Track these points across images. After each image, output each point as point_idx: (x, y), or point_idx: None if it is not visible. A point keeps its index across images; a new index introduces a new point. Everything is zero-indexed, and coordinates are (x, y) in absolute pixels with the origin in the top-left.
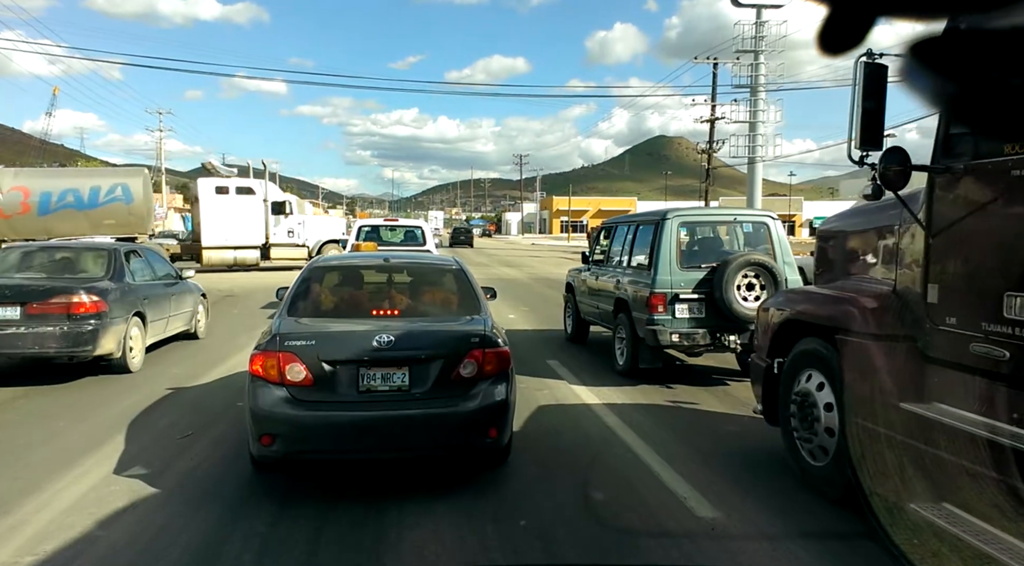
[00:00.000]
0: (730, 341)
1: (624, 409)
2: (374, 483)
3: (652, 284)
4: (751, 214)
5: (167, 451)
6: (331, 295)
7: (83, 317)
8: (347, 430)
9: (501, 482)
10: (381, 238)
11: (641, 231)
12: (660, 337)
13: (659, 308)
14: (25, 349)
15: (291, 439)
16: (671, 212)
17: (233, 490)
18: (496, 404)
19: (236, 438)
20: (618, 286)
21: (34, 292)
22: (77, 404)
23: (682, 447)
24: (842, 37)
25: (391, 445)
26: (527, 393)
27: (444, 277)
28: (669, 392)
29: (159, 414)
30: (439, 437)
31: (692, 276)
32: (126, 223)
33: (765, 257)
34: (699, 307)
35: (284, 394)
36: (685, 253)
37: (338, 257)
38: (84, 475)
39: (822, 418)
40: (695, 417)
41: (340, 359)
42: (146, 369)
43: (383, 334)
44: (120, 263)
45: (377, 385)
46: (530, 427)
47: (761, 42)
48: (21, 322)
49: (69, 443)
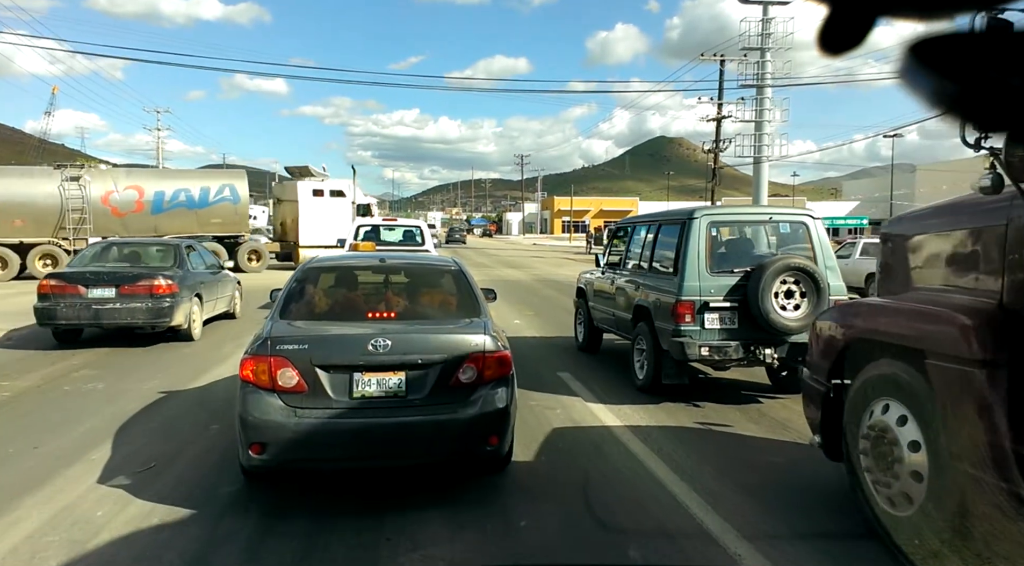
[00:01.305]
0: (766, 355)
1: (649, 433)
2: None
3: (678, 291)
4: (789, 213)
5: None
6: (325, 297)
7: (162, 296)
8: (340, 438)
9: (518, 531)
10: (380, 238)
11: (664, 232)
12: (688, 350)
13: (686, 318)
14: (119, 320)
15: (282, 447)
16: (699, 211)
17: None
18: (497, 411)
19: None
20: (637, 292)
21: (126, 277)
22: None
23: (723, 484)
24: (842, 37)
25: (387, 454)
26: (539, 412)
27: (442, 278)
28: (697, 412)
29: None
30: (437, 445)
31: (723, 282)
32: (231, 222)
33: (806, 261)
34: (731, 317)
35: (275, 400)
36: (715, 256)
37: (333, 257)
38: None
39: (905, 459)
40: (731, 444)
41: (334, 364)
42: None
43: (379, 338)
44: (183, 255)
45: (372, 391)
46: (546, 456)
47: (768, 40)
48: (116, 300)
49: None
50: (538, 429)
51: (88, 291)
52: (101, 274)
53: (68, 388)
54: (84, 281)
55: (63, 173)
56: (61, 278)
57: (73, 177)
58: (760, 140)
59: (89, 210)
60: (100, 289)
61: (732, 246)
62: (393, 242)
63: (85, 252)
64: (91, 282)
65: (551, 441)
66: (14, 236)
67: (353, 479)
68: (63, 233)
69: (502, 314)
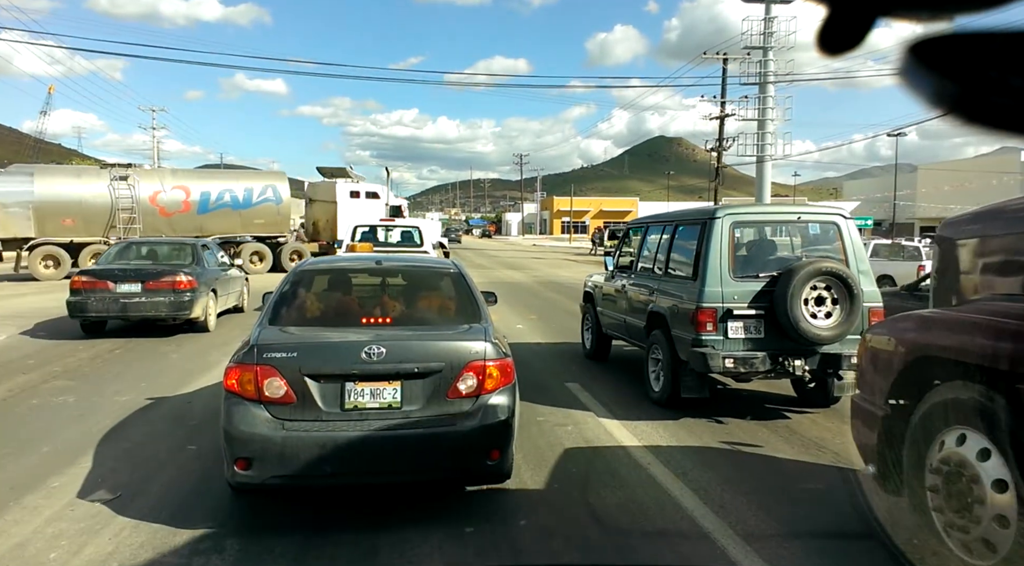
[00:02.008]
0: (795, 367)
1: (671, 455)
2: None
3: (699, 297)
4: (819, 211)
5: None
6: (317, 301)
7: (182, 291)
8: (330, 453)
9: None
10: (377, 239)
11: (681, 232)
12: (710, 362)
13: (708, 326)
14: (144, 313)
15: (268, 463)
16: (721, 210)
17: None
18: (498, 423)
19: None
20: (652, 297)
21: (150, 273)
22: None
23: (761, 518)
24: (842, 38)
25: (380, 469)
26: (548, 429)
27: (441, 281)
28: (720, 429)
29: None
30: (435, 460)
31: (748, 288)
32: (274, 223)
33: (839, 265)
34: (757, 325)
35: (262, 412)
36: (739, 259)
37: (327, 259)
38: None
39: (987, 499)
40: (764, 468)
41: (324, 373)
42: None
43: (373, 345)
44: (200, 253)
45: (365, 402)
46: (559, 483)
47: (770, 39)
48: (141, 294)
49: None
50: (548, 450)
51: (116, 286)
52: (128, 271)
53: (37, 401)
54: (112, 277)
55: (111, 172)
56: (91, 275)
57: (122, 177)
58: (763, 139)
59: (138, 210)
60: (127, 284)
61: (756, 248)
62: (392, 243)
63: (109, 251)
64: (119, 278)
65: (563, 465)
66: (64, 235)
67: (345, 493)
68: (113, 232)
69: (504, 318)
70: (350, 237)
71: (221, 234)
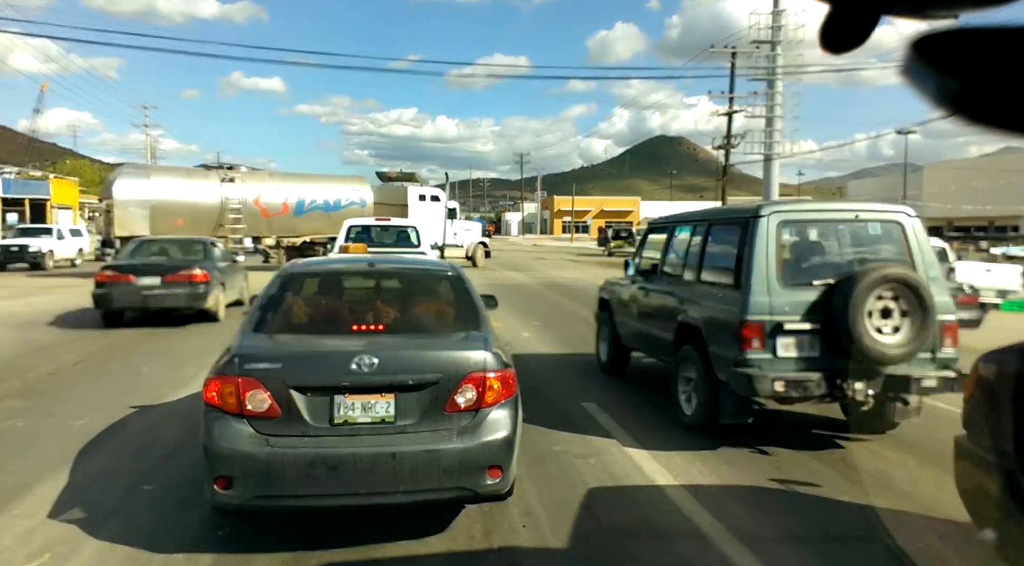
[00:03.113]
0: (855, 391)
1: (717, 499)
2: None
3: (743, 309)
4: (880, 209)
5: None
6: (306, 306)
7: (198, 283)
8: (318, 471)
9: None
10: (372, 239)
11: (716, 233)
12: (757, 385)
13: (754, 343)
14: (164, 303)
15: (251, 482)
16: (767, 207)
17: None
18: (500, 440)
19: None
20: (682, 307)
21: (168, 268)
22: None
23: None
24: (845, 35)
25: (372, 490)
26: (567, 463)
27: (438, 285)
28: (766, 462)
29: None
30: (430, 479)
31: (800, 298)
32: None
33: (908, 270)
34: (811, 342)
35: (244, 427)
36: (788, 265)
37: (317, 261)
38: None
39: None
40: (828, 515)
41: (311, 385)
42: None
43: (364, 354)
44: (210, 250)
45: (356, 416)
46: (586, 537)
47: (778, 32)
48: (161, 287)
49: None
50: (569, 491)
51: (138, 280)
52: (149, 265)
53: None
54: (134, 271)
55: (219, 174)
56: (115, 269)
57: (229, 179)
58: (771, 136)
59: (244, 211)
60: (148, 278)
61: (808, 252)
62: (387, 243)
63: (126, 249)
64: (140, 272)
65: (589, 512)
66: (175, 234)
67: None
68: (220, 232)
69: (509, 326)
70: (343, 237)
71: (312, 235)
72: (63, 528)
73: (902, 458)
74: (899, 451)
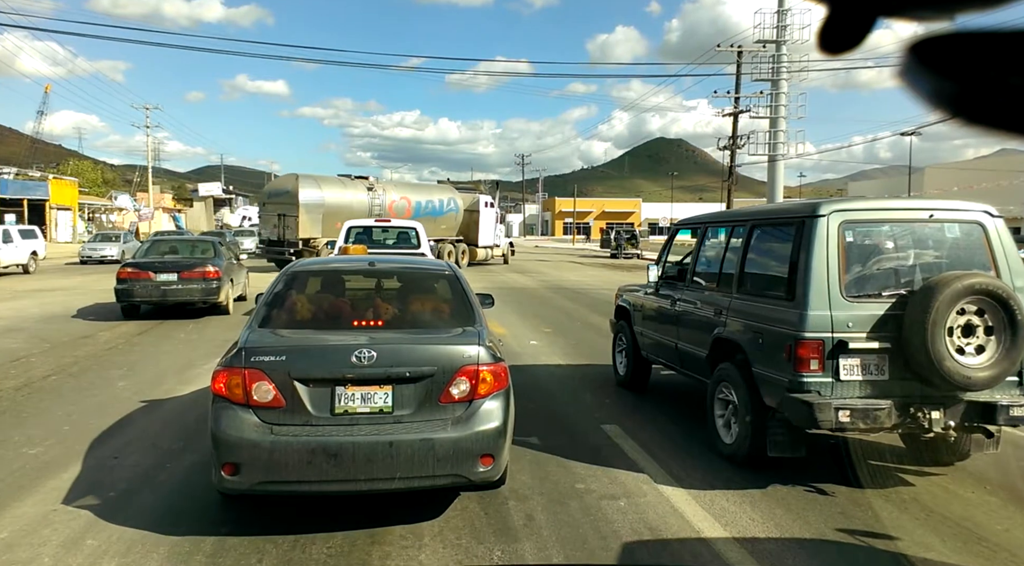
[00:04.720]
0: (932, 421)
1: (778, 554)
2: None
3: (800, 324)
4: (958, 208)
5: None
6: (309, 303)
7: (211, 279)
8: (319, 458)
9: None
10: (373, 240)
11: (761, 235)
12: (819, 414)
13: (812, 364)
14: (180, 297)
15: (256, 469)
16: (826, 205)
17: None
18: (491, 429)
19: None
20: (720, 319)
21: (184, 265)
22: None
23: None
24: (842, 37)
25: (370, 476)
26: (592, 505)
27: (435, 283)
28: (827, 504)
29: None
30: (426, 467)
31: (866, 311)
32: (451, 227)
33: (995, 280)
34: (879, 363)
35: (250, 417)
36: (852, 273)
37: (319, 260)
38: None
39: None
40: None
41: (314, 377)
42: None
43: (364, 348)
44: (219, 248)
45: (356, 407)
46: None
47: (784, 32)
48: (177, 283)
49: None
50: (598, 544)
51: (156, 276)
52: (166, 263)
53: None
54: (153, 268)
55: (365, 184)
56: (135, 266)
57: (370, 187)
58: (775, 137)
59: (383, 214)
60: (165, 274)
61: (875, 258)
62: (388, 244)
63: (142, 246)
64: (158, 269)
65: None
66: (335, 236)
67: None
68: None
69: (516, 333)
70: (342, 238)
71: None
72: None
73: (983, 498)
74: (977, 490)
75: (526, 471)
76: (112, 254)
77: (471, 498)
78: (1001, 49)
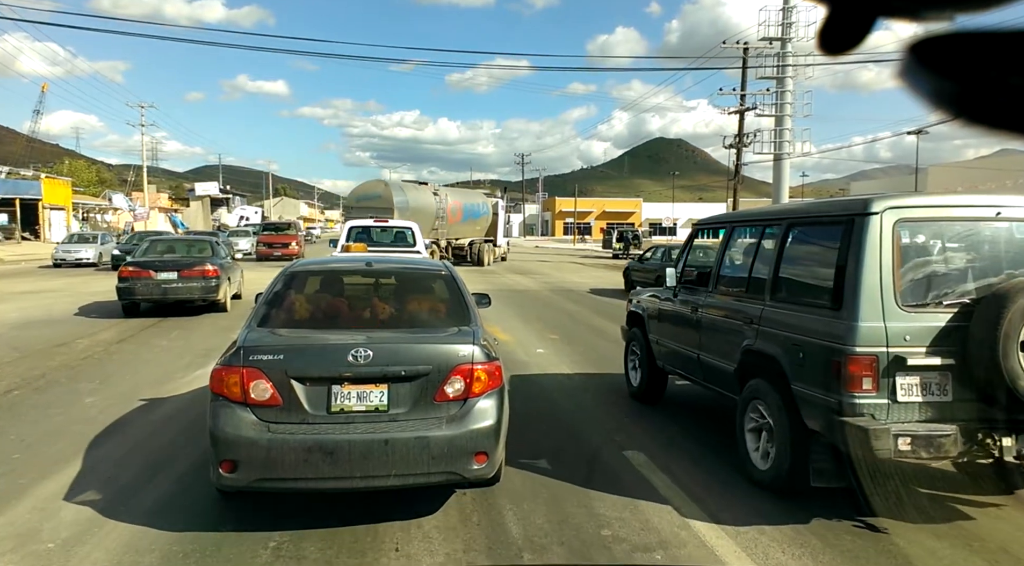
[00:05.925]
0: (1003, 449)
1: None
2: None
3: (849, 336)
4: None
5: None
6: (306, 303)
7: (210, 278)
8: (316, 456)
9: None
10: (372, 239)
11: (799, 235)
12: (875, 442)
13: (864, 383)
14: (180, 296)
15: (254, 466)
16: (878, 202)
17: None
18: (486, 427)
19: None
20: (751, 327)
21: (184, 264)
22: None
23: None
24: (842, 37)
25: (366, 473)
26: (621, 556)
27: (431, 283)
28: (883, 543)
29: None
30: (421, 464)
31: (926, 322)
32: (483, 228)
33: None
34: (941, 382)
35: (248, 415)
36: (909, 278)
37: (317, 260)
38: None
39: None
40: None
41: (311, 376)
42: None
43: (360, 347)
44: (216, 247)
45: (352, 405)
46: None
47: (789, 29)
48: (178, 281)
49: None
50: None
51: (157, 274)
52: (166, 262)
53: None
54: (154, 267)
55: (431, 189)
56: (137, 265)
57: (435, 192)
58: (781, 136)
59: (444, 216)
60: (166, 273)
61: (935, 261)
62: (386, 243)
63: (140, 246)
64: (159, 268)
65: None
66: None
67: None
68: (434, 234)
69: (521, 339)
70: (344, 237)
71: (464, 236)
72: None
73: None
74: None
75: (541, 511)
76: (88, 257)
77: (480, 550)
78: (1001, 49)
